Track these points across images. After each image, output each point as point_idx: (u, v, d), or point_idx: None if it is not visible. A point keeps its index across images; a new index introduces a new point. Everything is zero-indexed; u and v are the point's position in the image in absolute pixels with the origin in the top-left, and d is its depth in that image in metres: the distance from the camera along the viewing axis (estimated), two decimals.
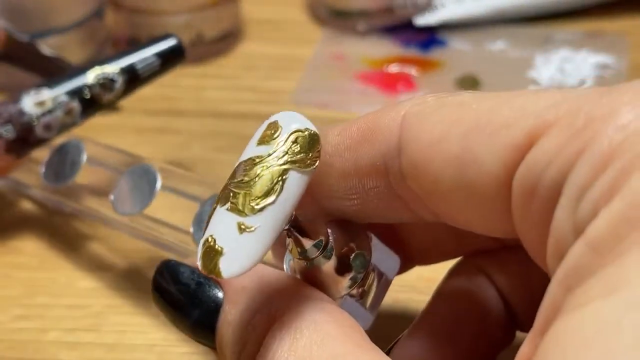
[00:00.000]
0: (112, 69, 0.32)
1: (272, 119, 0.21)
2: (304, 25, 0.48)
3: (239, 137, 0.39)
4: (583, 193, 0.17)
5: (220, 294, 0.23)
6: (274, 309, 0.21)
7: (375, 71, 0.44)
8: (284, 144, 0.21)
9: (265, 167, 0.20)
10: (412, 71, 0.44)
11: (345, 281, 0.22)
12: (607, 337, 0.15)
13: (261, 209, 0.20)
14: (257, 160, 0.21)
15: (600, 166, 0.17)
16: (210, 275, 0.20)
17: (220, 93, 0.43)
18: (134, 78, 0.33)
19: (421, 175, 0.21)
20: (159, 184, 0.29)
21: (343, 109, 0.41)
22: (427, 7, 0.47)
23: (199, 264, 0.20)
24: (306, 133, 0.21)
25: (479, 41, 0.46)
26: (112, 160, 0.32)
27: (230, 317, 0.22)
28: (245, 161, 0.21)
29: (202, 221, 0.28)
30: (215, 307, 0.23)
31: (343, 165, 0.22)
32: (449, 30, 0.47)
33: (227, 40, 0.45)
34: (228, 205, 0.20)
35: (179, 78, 0.44)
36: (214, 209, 0.20)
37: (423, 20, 0.47)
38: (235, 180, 0.20)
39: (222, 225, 0.20)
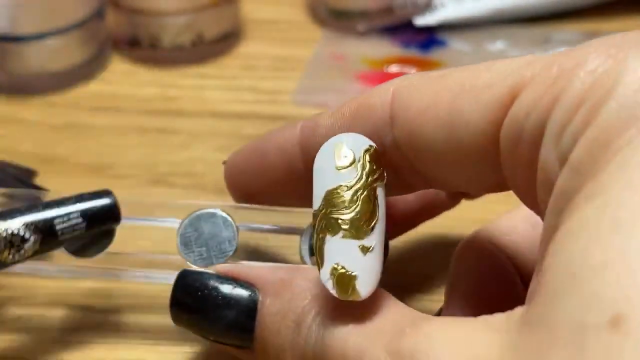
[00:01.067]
0: (21, 224, 0.26)
1: (337, 140, 0.23)
2: (304, 26, 0.48)
3: (239, 137, 0.39)
4: (563, 129, 0.19)
5: (248, 293, 0.24)
6: (318, 295, 0.23)
7: (375, 71, 0.44)
8: (364, 166, 0.23)
9: (359, 191, 0.22)
10: (412, 71, 0.44)
11: None
12: (594, 232, 0.18)
13: (372, 228, 0.22)
14: (348, 186, 0.22)
15: (575, 105, 0.19)
16: (347, 299, 0.22)
17: (220, 93, 0.43)
18: (50, 238, 0.26)
19: (414, 142, 0.23)
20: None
21: None
22: (427, 7, 0.47)
23: (333, 292, 0.22)
24: (372, 150, 0.23)
25: (479, 41, 0.46)
26: None
27: (274, 309, 0.24)
28: (335, 189, 0.23)
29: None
30: (251, 305, 0.24)
31: None
32: (449, 31, 0.47)
33: (227, 40, 0.45)
34: (341, 233, 0.22)
35: (179, 78, 0.44)
36: (323, 239, 0.22)
37: (423, 20, 0.47)
38: (339, 208, 0.22)
39: (345, 252, 0.22)
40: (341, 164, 0.23)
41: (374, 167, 0.23)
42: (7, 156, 0.39)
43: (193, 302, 0.25)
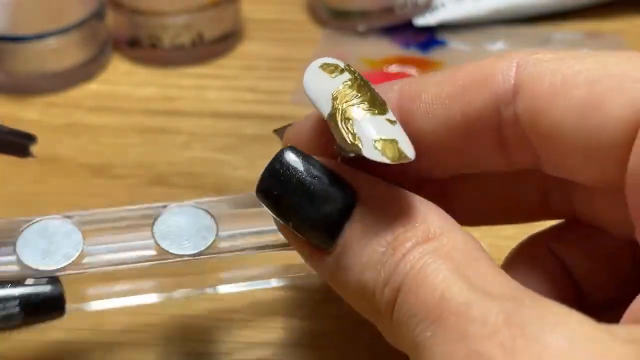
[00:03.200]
0: None
1: (318, 62, 0.23)
2: (304, 26, 0.48)
3: (239, 137, 0.39)
4: None
5: (347, 193, 0.22)
6: (428, 223, 0.21)
7: (375, 71, 0.44)
8: (352, 70, 0.23)
9: (361, 83, 0.23)
10: (412, 71, 0.44)
11: None
12: None
13: (385, 107, 0.22)
14: (349, 82, 0.23)
15: None
16: (397, 162, 0.21)
17: (220, 93, 0.43)
18: None
19: (539, 121, 0.21)
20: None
21: None
22: (427, 7, 0.47)
23: (384, 159, 0.21)
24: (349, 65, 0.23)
25: (479, 41, 0.46)
26: None
27: (370, 221, 0.22)
28: (339, 88, 0.23)
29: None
30: (347, 207, 0.22)
31: (447, 113, 0.23)
32: (449, 31, 0.47)
33: (227, 40, 0.45)
34: (365, 113, 0.22)
35: (179, 78, 0.44)
36: (352, 126, 0.22)
37: (423, 20, 0.47)
38: (348, 99, 0.22)
39: (376, 125, 0.22)
40: (330, 71, 0.23)
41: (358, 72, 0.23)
42: (7, 157, 0.39)
43: (289, 183, 0.23)
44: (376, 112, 0.22)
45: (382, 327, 0.22)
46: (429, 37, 0.46)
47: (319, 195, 0.23)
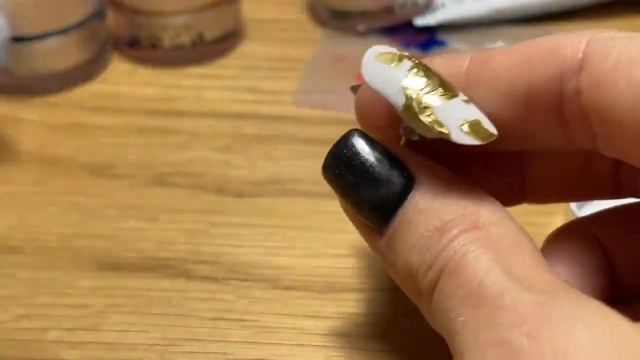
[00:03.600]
0: None
1: (373, 51, 0.24)
2: (304, 26, 0.48)
3: (239, 138, 0.39)
4: None
5: (405, 178, 0.23)
6: (478, 213, 0.22)
7: None
8: (409, 57, 0.24)
9: (425, 69, 0.23)
10: None
11: None
12: None
13: (455, 89, 0.23)
14: (413, 70, 0.23)
15: None
16: (487, 141, 0.22)
17: (221, 93, 0.43)
18: None
19: (600, 95, 0.21)
20: None
21: (343, 110, 0.41)
22: (427, 7, 0.47)
23: (475, 141, 0.22)
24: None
25: (479, 42, 0.46)
26: None
27: (422, 205, 0.23)
28: (406, 78, 0.23)
29: None
30: (403, 191, 0.23)
31: (512, 82, 0.23)
32: (449, 31, 0.47)
33: (227, 40, 0.45)
34: (442, 98, 0.22)
35: (179, 78, 0.44)
36: (432, 113, 0.22)
37: (423, 20, 0.47)
38: (422, 87, 0.23)
39: (456, 108, 0.22)
40: (390, 60, 0.23)
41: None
42: (7, 157, 0.39)
43: (350, 164, 0.24)
44: (450, 95, 0.22)
45: (423, 309, 0.22)
46: (429, 37, 0.46)
47: (377, 178, 0.23)
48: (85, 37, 0.43)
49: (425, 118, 0.22)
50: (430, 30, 0.47)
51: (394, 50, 0.24)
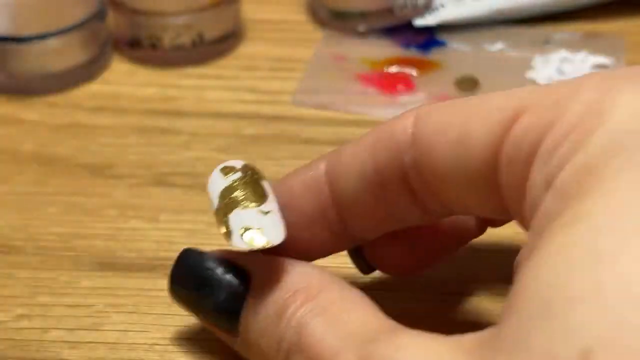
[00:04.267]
0: None
1: (220, 166, 0.27)
2: (304, 26, 0.48)
3: (239, 138, 0.39)
4: (552, 153, 0.20)
5: (240, 278, 0.26)
6: (307, 286, 0.24)
7: (376, 72, 0.44)
8: (246, 169, 0.27)
9: (248, 180, 0.26)
10: (412, 72, 0.44)
11: None
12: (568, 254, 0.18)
13: (265, 200, 0.26)
14: (237, 182, 0.26)
15: (566, 131, 0.20)
16: (261, 248, 0.24)
17: (221, 94, 0.43)
18: None
19: (429, 162, 0.24)
20: None
21: (343, 110, 0.41)
22: (427, 8, 0.47)
23: (245, 246, 0.24)
24: (251, 165, 0.27)
25: (478, 42, 0.46)
26: None
27: (260, 297, 0.25)
28: (226, 187, 0.26)
29: None
30: (241, 290, 0.25)
31: (361, 170, 0.25)
32: (449, 31, 0.47)
33: (227, 40, 0.45)
34: (241, 206, 0.25)
35: (179, 78, 0.44)
36: (227, 219, 0.25)
37: (422, 21, 0.47)
38: (232, 196, 0.26)
39: (247, 217, 0.25)
40: (226, 172, 0.27)
41: (255, 171, 0.27)
42: (7, 157, 0.39)
43: (188, 281, 0.27)
44: (250, 205, 0.25)
45: None
46: (429, 38, 0.46)
47: (214, 285, 0.26)
48: (85, 38, 0.43)
49: (223, 223, 0.25)
50: (430, 30, 0.47)
51: (237, 164, 0.27)
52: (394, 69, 0.44)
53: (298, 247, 0.27)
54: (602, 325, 0.17)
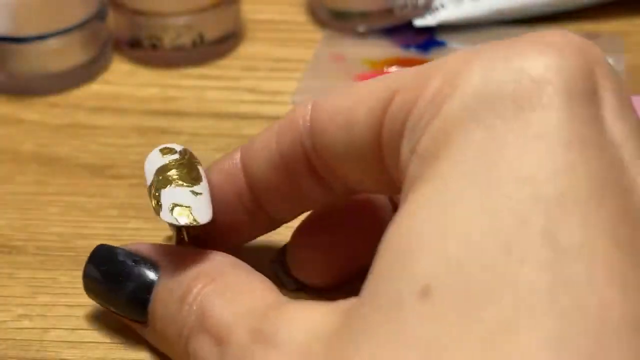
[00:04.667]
0: None
1: (160, 146, 0.29)
2: (304, 26, 0.48)
3: (239, 138, 0.39)
4: (416, 124, 0.23)
5: (149, 269, 0.27)
6: (207, 271, 0.26)
7: (376, 72, 0.44)
8: (184, 152, 0.28)
9: (183, 161, 0.28)
10: None
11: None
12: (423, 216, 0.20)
13: (198, 183, 0.27)
14: (174, 161, 0.28)
15: (427, 103, 0.22)
16: (188, 225, 0.26)
17: (221, 94, 0.43)
18: None
19: (326, 146, 0.26)
20: None
21: None
22: (427, 8, 0.47)
23: (174, 221, 0.26)
24: (190, 151, 0.29)
25: (478, 42, 0.46)
26: None
27: (166, 285, 0.26)
28: (163, 165, 0.28)
29: None
30: (149, 281, 0.27)
31: (270, 157, 0.27)
32: (448, 32, 0.47)
33: (227, 41, 0.45)
34: (174, 184, 0.27)
35: (179, 79, 0.44)
36: (159, 194, 0.27)
37: (422, 21, 0.47)
38: (167, 174, 0.27)
39: (179, 194, 0.27)
40: (165, 152, 0.28)
41: (193, 155, 0.28)
42: (7, 157, 0.39)
43: (99, 274, 0.28)
44: (183, 184, 0.27)
45: None
46: (429, 38, 0.46)
47: (123, 277, 0.27)
48: (85, 38, 0.43)
49: (153, 198, 0.27)
50: (430, 30, 0.47)
51: (177, 147, 0.29)
52: (393, 69, 0.44)
53: (221, 232, 0.28)
54: (441, 267, 0.19)
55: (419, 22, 0.47)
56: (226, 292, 0.25)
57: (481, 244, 0.19)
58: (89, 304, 0.31)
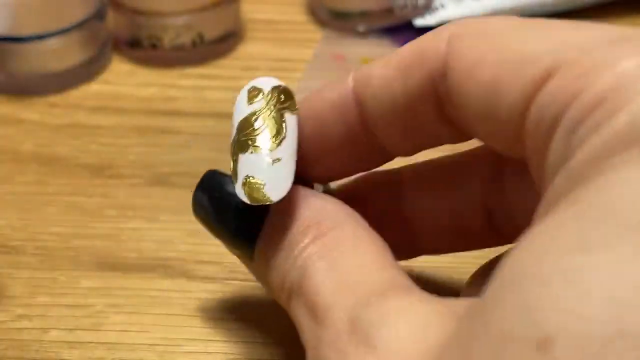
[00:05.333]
0: None
1: (250, 85, 0.27)
2: (304, 26, 0.48)
3: None
4: (575, 128, 0.19)
5: (253, 209, 0.24)
6: (319, 222, 0.24)
7: None
8: (271, 97, 0.26)
9: (265, 114, 0.25)
10: None
11: None
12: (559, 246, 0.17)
13: (280, 143, 0.25)
14: (257, 113, 0.25)
15: (592, 106, 0.19)
16: (257, 204, 0.24)
17: (221, 93, 0.43)
18: None
19: (461, 97, 0.22)
20: None
21: None
22: (427, 8, 0.47)
23: (246, 200, 0.24)
24: (282, 87, 0.26)
25: None
26: None
27: (277, 227, 0.24)
28: (245, 117, 0.26)
29: None
30: (261, 217, 0.25)
31: (391, 93, 0.24)
32: None
33: (227, 40, 0.45)
34: (251, 149, 0.25)
35: (179, 78, 0.44)
36: (236, 160, 0.25)
37: (422, 21, 0.47)
38: (248, 131, 0.25)
39: (254, 164, 0.24)
40: (251, 97, 0.26)
41: (282, 99, 0.26)
42: (7, 157, 0.39)
43: (210, 201, 0.27)
44: (261, 149, 0.25)
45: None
46: None
47: (232, 211, 0.26)
48: (85, 38, 0.43)
49: (232, 162, 0.25)
50: (429, 30, 0.47)
51: (266, 87, 0.26)
52: None
53: (323, 165, 0.26)
54: (567, 314, 0.15)
55: (419, 22, 0.47)
56: (333, 253, 0.23)
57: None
58: (88, 304, 0.31)
